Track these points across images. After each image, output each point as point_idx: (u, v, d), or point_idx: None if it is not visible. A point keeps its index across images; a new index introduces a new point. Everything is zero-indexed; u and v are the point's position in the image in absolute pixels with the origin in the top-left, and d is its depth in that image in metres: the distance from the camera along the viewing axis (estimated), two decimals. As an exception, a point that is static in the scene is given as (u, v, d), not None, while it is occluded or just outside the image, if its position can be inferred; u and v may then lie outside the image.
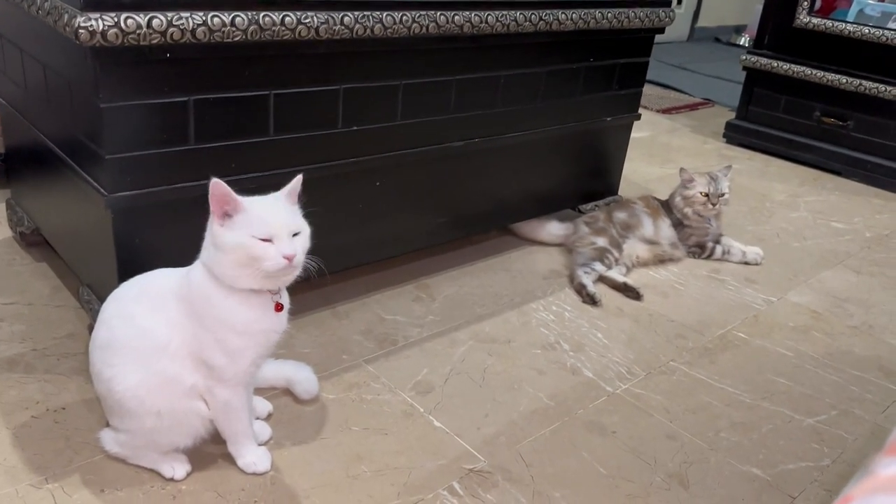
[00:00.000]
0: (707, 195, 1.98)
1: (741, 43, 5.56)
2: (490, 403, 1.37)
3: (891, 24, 2.80)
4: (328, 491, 1.13)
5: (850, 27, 2.82)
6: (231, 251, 1.01)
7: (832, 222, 2.46)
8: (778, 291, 1.94)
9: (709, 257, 2.05)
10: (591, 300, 1.76)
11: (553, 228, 2.04)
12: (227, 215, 1.01)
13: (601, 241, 1.91)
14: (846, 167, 2.92)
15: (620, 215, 2.00)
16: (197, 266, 1.06)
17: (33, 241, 1.70)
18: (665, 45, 5.17)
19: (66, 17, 1.08)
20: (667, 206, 2.06)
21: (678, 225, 2.03)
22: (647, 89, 3.84)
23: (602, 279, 1.86)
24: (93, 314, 1.29)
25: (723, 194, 2.00)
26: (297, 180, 1.07)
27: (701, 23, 5.73)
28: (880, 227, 2.46)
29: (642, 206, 2.03)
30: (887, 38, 2.74)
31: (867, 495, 0.38)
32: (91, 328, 1.11)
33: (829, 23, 2.87)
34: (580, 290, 1.79)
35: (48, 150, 1.39)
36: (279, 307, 1.08)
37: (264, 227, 1.00)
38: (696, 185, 1.99)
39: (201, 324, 1.04)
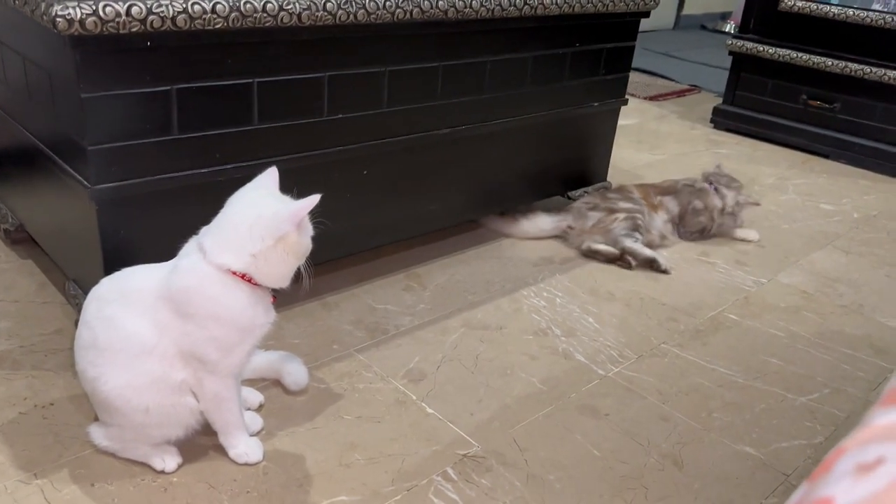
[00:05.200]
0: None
1: (727, 30, 5.56)
2: (483, 389, 1.37)
3: (875, 6, 2.80)
4: (322, 479, 1.12)
5: (834, 9, 2.82)
6: (303, 255, 1.05)
7: (821, 204, 2.46)
8: (768, 273, 1.94)
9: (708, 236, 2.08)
10: (655, 264, 1.85)
11: (543, 223, 2.00)
12: (301, 224, 1.03)
13: (624, 212, 1.94)
14: (833, 149, 2.93)
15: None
16: (195, 264, 1.03)
17: (18, 238, 1.68)
18: (651, 33, 5.17)
19: (43, 5, 1.06)
20: (676, 195, 2.04)
21: (683, 215, 2.04)
22: (635, 77, 3.84)
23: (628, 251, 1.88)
24: (79, 309, 1.27)
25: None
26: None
27: (687, 10, 5.73)
28: (868, 207, 2.47)
29: (639, 196, 2.02)
30: (872, 20, 2.74)
31: (860, 445, 0.37)
32: (78, 322, 1.10)
33: (813, 5, 2.87)
34: (623, 255, 1.86)
35: (30, 144, 1.38)
36: (274, 299, 1.09)
37: (310, 223, 1.06)
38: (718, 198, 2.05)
39: (195, 321, 1.02)
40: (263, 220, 1.01)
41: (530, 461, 1.20)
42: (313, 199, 1.02)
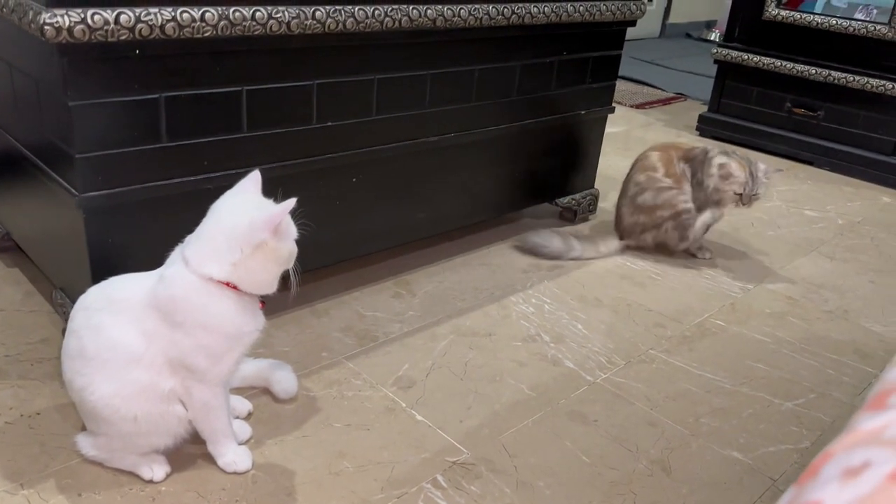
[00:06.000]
0: (740, 195, 1.90)
1: (712, 38, 5.61)
2: (472, 396, 1.37)
3: (857, 15, 2.84)
4: (311, 488, 1.12)
5: (817, 19, 2.86)
6: (286, 260, 1.04)
7: (805, 211, 2.49)
8: (754, 279, 1.96)
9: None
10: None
11: (612, 245, 2.01)
12: (278, 230, 1.01)
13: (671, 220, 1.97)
14: (817, 156, 2.96)
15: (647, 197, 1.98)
16: (179, 274, 1.02)
17: (4, 246, 1.66)
18: (637, 42, 5.21)
19: (31, 13, 1.06)
20: (691, 163, 1.97)
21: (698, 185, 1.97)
22: (621, 85, 3.87)
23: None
24: (66, 318, 1.26)
25: (755, 194, 1.91)
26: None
27: (672, 19, 5.78)
28: (852, 214, 2.50)
29: (670, 181, 1.96)
30: (854, 29, 2.78)
31: (847, 450, 0.38)
32: (65, 331, 1.09)
33: (797, 15, 2.91)
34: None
35: (17, 152, 1.37)
36: (263, 304, 1.08)
37: (293, 227, 1.05)
38: (734, 183, 1.89)
39: (183, 330, 1.02)
40: (239, 230, 1.01)
41: (520, 468, 1.20)
42: (288, 205, 1.01)
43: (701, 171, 1.95)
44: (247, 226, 1.00)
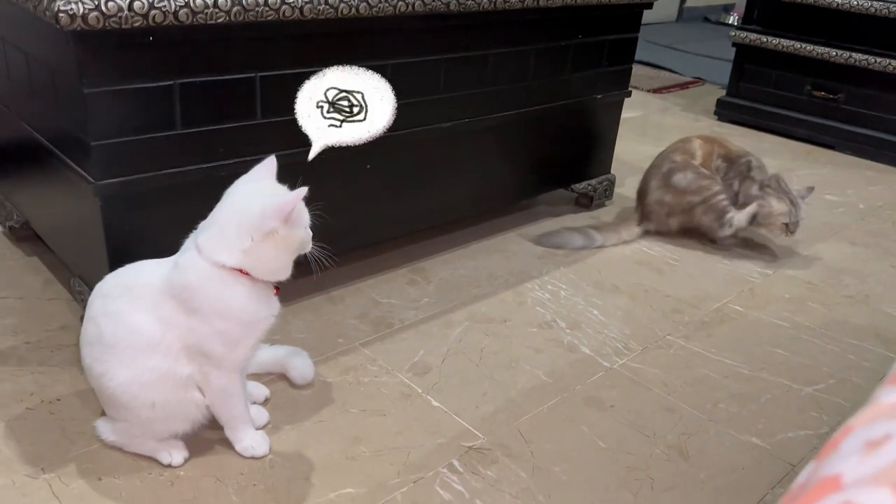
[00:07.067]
0: (787, 224, 1.91)
1: (730, 22, 5.54)
2: (488, 382, 1.37)
3: (879, -4, 2.79)
4: (328, 473, 1.12)
5: (838, 0, 2.81)
6: (297, 248, 1.04)
7: (826, 195, 2.46)
8: (773, 264, 1.94)
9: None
10: None
11: (632, 231, 2.00)
12: (289, 219, 1.01)
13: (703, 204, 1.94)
14: (838, 140, 2.92)
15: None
16: (192, 261, 1.03)
17: (23, 235, 1.68)
18: (654, 26, 5.15)
19: (45, 1, 1.06)
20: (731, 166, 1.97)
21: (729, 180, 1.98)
22: (638, 69, 3.83)
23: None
24: (85, 305, 1.28)
25: (798, 221, 1.92)
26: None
27: (689, 3, 5.71)
28: (873, 198, 2.46)
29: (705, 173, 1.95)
30: (875, 10, 2.73)
31: (868, 423, 0.37)
32: (83, 319, 1.10)
33: (817, -4, 2.86)
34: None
35: (34, 140, 1.38)
36: (277, 290, 1.08)
37: (306, 214, 1.05)
38: (780, 215, 1.90)
39: (199, 317, 1.02)
40: (249, 217, 1.00)
41: (536, 453, 1.20)
42: (300, 193, 1.00)
43: (738, 181, 1.95)
44: (257, 213, 1.00)
